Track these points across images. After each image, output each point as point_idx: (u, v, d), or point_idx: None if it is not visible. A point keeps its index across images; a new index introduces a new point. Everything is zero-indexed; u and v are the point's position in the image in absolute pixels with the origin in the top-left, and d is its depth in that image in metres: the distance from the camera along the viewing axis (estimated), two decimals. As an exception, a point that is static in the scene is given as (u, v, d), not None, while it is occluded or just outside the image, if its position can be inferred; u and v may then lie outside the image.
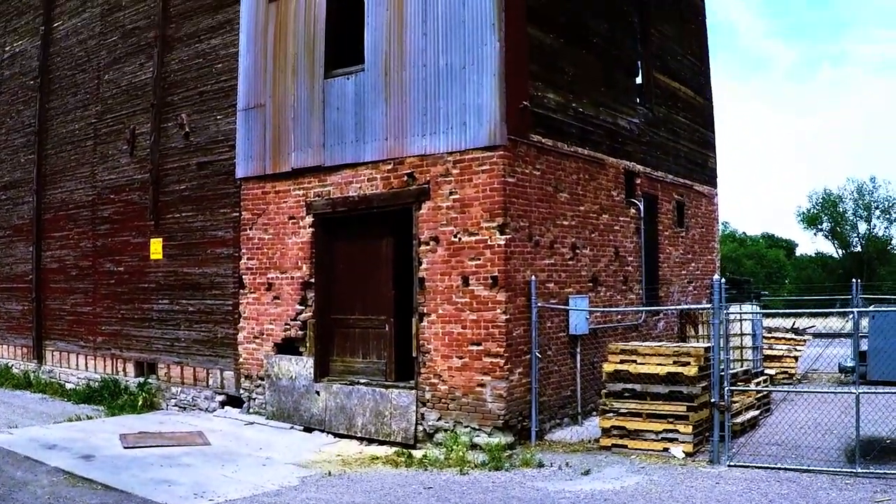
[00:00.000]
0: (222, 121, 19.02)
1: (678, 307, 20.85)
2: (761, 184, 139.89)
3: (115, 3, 22.34)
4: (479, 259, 14.82)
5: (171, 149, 20.16)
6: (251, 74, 18.39)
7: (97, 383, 21.43)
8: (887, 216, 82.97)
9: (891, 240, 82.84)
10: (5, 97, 26.40)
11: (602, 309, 17.59)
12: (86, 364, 22.52)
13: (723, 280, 13.98)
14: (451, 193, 15.15)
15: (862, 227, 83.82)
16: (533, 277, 15.20)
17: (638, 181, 19.45)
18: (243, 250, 18.38)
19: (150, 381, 20.40)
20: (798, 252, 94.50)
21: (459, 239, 15.03)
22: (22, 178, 25.31)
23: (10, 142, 25.98)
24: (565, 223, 16.57)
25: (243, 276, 18.34)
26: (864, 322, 18.40)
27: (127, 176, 21.39)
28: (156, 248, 20.38)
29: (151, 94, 20.67)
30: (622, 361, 14.61)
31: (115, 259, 21.69)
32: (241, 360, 18.42)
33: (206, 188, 19.36)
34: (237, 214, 18.57)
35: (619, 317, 18.56)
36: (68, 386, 22.49)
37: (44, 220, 24.32)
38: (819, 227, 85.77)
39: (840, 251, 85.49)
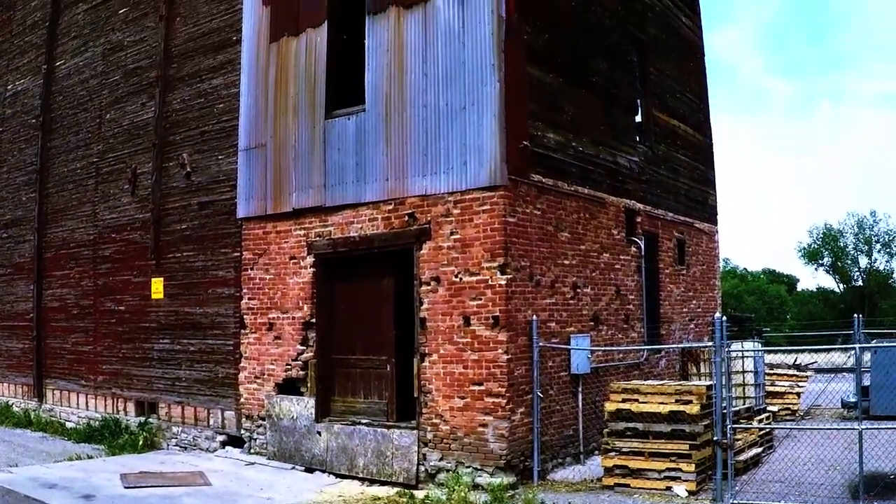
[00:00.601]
0: (224, 160, 19.08)
1: (680, 345, 20.84)
2: (762, 219, 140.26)
3: (117, 43, 22.47)
4: (481, 299, 14.80)
5: (173, 188, 20.22)
6: (252, 114, 18.47)
7: (98, 422, 21.34)
8: (888, 250, 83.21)
9: (892, 273, 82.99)
10: (7, 135, 26.48)
11: (603, 348, 17.57)
12: (86, 403, 22.44)
13: (724, 318, 13.96)
14: (451, 233, 15.17)
15: (863, 261, 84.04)
16: (534, 317, 15.18)
17: (638, 219, 19.49)
18: (244, 290, 18.38)
19: (150, 420, 20.34)
20: (799, 287, 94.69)
21: (460, 279, 15.03)
22: (23, 216, 25.33)
23: (12, 180, 26.01)
24: (566, 262, 16.57)
25: (244, 316, 18.33)
26: (867, 357, 18.37)
27: (128, 215, 21.42)
28: (157, 287, 20.37)
29: (153, 134, 20.74)
30: (624, 400, 14.59)
31: (116, 298, 21.68)
32: (242, 400, 18.37)
33: (207, 228, 19.39)
34: (238, 254, 18.58)
35: (621, 355, 18.52)
36: (69, 425, 22.41)
37: (45, 259, 24.31)
38: (820, 261, 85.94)
39: (841, 286, 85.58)
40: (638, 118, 20.67)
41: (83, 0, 24.08)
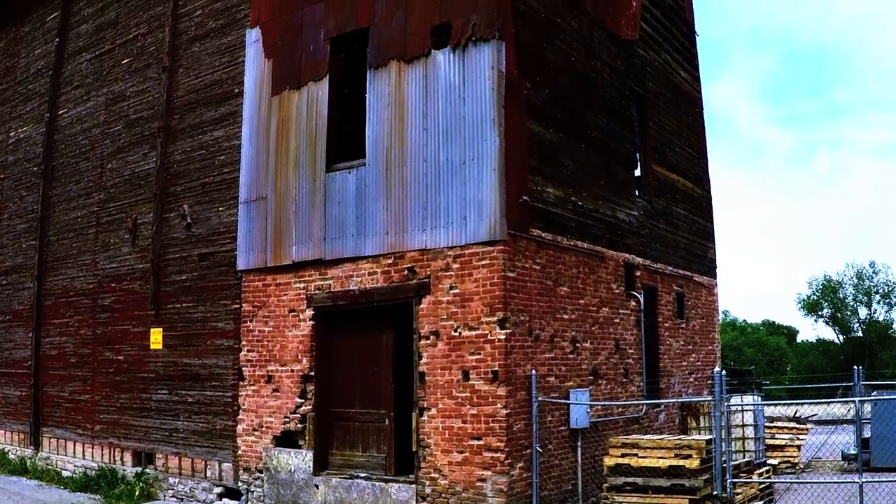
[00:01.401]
0: (224, 212, 19.15)
1: (679, 399, 20.79)
2: (761, 270, 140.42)
3: (120, 93, 22.62)
4: (480, 353, 14.79)
5: (173, 239, 20.26)
6: (253, 167, 18.56)
7: (94, 472, 21.23)
8: (887, 301, 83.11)
9: (892, 324, 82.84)
10: (9, 182, 26.56)
11: (603, 402, 17.53)
12: (83, 452, 22.33)
13: (723, 372, 13.97)
14: (451, 288, 15.18)
15: (862, 312, 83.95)
16: (533, 371, 15.15)
17: (638, 273, 19.52)
18: (243, 342, 18.35)
19: (147, 471, 20.23)
20: (799, 338, 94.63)
21: (460, 333, 15.03)
22: (23, 263, 25.34)
23: (13, 227, 26.07)
24: (565, 317, 16.58)
25: (243, 368, 18.29)
26: (867, 408, 18.32)
27: (128, 265, 21.44)
28: (156, 337, 20.35)
29: (154, 184, 20.81)
30: (623, 455, 14.54)
31: (114, 348, 21.64)
32: (239, 452, 18.28)
33: (207, 279, 19.41)
34: (238, 306, 18.58)
35: (620, 409, 18.47)
36: (65, 473, 22.29)
37: (44, 307, 24.29)
38: (820, 313, 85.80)
39: (841, 337, 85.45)
40: (637, 172, 20.78)
41: (87, 49, 24.27)
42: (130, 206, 21.62)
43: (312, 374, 17.14)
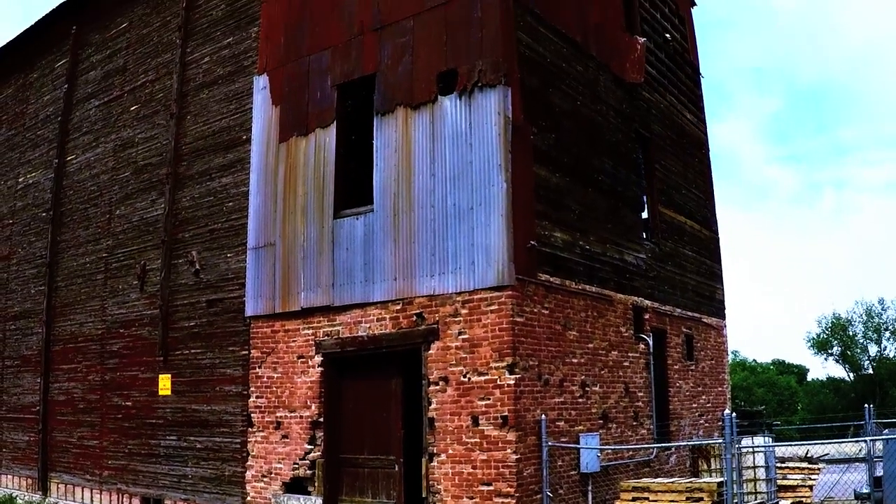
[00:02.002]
0: (232, 259, 19.19)
1: (689, 442, 20.69)
2: (770, 310, 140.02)
3: (128, 140, 22.75)
4: (489, 399, 14.76)
5: (181, 285, 20.29)
6: (261, 213, 18.62)
7: (102, 518, 21.18)
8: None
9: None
10: (18, 228, 26.65)
11: (613, 446, 17.44)
12: (91, 498, 22.23)
13: (733, 414, 13.91)
14: (460, 333, 15.17)
15: (872, 349, 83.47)
16: (543, 416, 15.10)
17: (646, 316, 19.49)
18: (252, 388, 18.33)
19: (155, 518, 20.17)
20: (809, 377, 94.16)
21: (469, 379, 15.00)
22: (32, 308, 25.36)
23: (22, 272, 26.12)
24: (574, 361, 16.54)
25: (252, 415, 18.24)
26: (879, 446, 18.19)
27: (137, 311, 21.46)
28: (164, 383, 20.33)
29: (162, 231, 20.87)
30: (634, 499, 14.51)
31: (123, 393, 21.61)
32: (248, 498, 18.19)
33: (215, 325, 19.42)
34: (246, 352, 18.57)
35: (631, 453, 18.38)
36: (73, 520, 22.24)
37: (52, 352, 24.28)
38: (829, 351, 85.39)
39: (851, 375, 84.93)
40: (644, 215, 20.80)
41: (95, 96, 24.44)
42: (139, 252, 21.67)
43: (321, 420, 17.08)
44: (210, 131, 20.41)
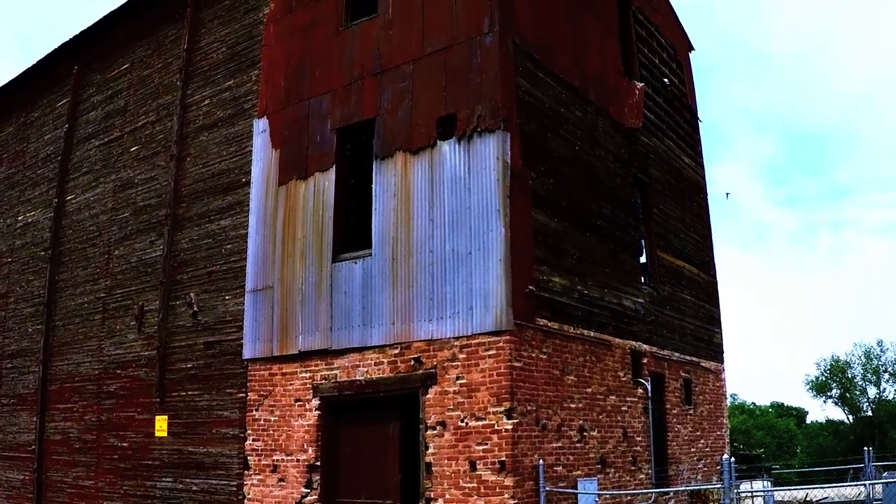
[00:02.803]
0: (230, 301, 19.18)
1: (688, 487, 20.57)
2: (769, 352, 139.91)
3: (128, 181, 22.80)
4: (487, 444, 14.69)
5: (179, 327, 20.26)
6: (260, 256, 18.63)
7: (97, 561, 21.01)
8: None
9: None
10: (16, 266, 26.62)
11: (611, 492, 17.34)
12: (86, 540, 22.11)
13: (732, 459, 13.84)
14: (457, 378, 15.14)
15: (871, 391, 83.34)
16: (541, 461, 15.03)
17: (644, 361, 19.45)
18: (249, 431, 18.24)
19: (150, 561, 20.00)
20: (808, 419, 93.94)
21: (466, 423, 14.94)
22: (29, 347, 25.29)
23: (19, 311, 26.07)
24: (572, 406, 16.49)
25: (248, 458, 18.15)
26: (879, 489, 18.13)
27: (134, 352, 21.40)
28: (161, 425, 20.24)
29: (161, 272, 20.87)
30: (632, 548, 14.40)
31: (119, 434, 21.49)
32: (244, 542, 18.09)
33: (212, 367, 19.36)
34: (243, 395, 18.51)
35: (629, 498, 18.28)
36: (67, 562, 22.05)
37: (49, 391, 24.16)
38: (828, 394, 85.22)
39: (850, 417, 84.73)
40: (642, 259, 20.84)
41: (95, 136, 24.52)
42: (137, 293, 21.66)
43: (318, 463, 16.99)
44: (210, 173, 20.47)
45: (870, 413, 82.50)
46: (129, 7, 23.80)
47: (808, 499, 26.85)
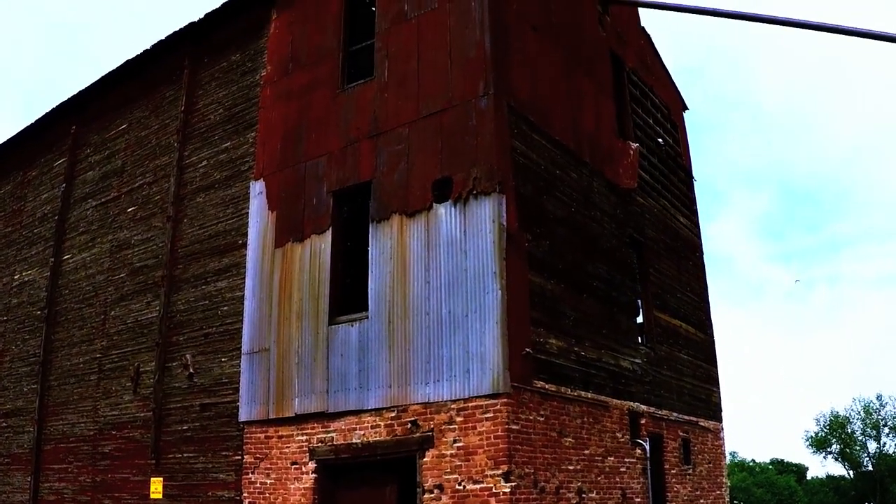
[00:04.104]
0: (227, 363, 19.12)
1: (687, 549, 20.43)
2: (767, 408, 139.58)
3: (125, 241, 22.82)
4: (484, 508, 14.59)
5: (175, 388, 20.17)
6: (256, 318, 18.61)
7: None
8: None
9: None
10: (12, 325, 26.55)
11: (610, 555, 17.23)
12: None
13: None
14: (455, 441, 15.06)
15: (872, 446, 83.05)
16: (538, 526, 14.94)
17: (642, 421, 19.37)
18: (245, 494, 18.08)
19: None
20: (809, 476, 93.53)
21: (464, 487, 14.83)
22: (24, 407, 25.15)
23: (14, 370, 25.96)
24: (570, 468, 16.39)
25: (244, 521, 18.04)
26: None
27: (129, 413, 21.29)
28: (156, 487, 20.08)
29: (157, 333, 20.82)
30: None
31: (114, 496, 21.30)
32: None
33: (208, 430, 19.24)
34: (239, 457, 18.38)
35: (628, 561, 18.15)
36: None
37: (44, 452, 23.99)
38: (828, 449, 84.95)
39: (851, 472, 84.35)
40: (639, 319, 20.85)
41: (93, 196, 24.59)
42: (133, 354, 21.58)
43: (315, 528, 16.89)
44: (206, 235, 20.51)
45: (870, 468, 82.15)
46: (127, 68, 23.99)
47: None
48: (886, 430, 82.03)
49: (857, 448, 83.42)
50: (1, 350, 26.54)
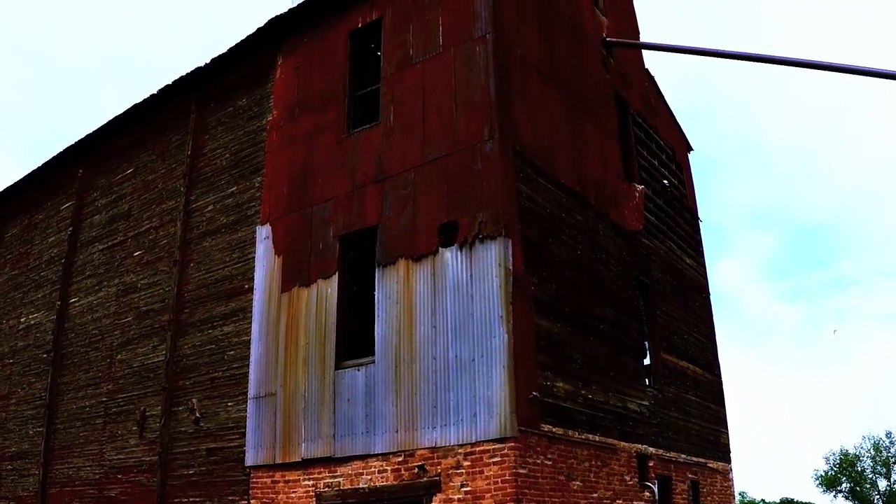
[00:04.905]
0: (233, 408, 19.08)
1: (697, 593, 20.27)
2: (776, 447, 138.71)
3: (131, 285, 22.87)
4: (492, 554, 14.51)
5: (181, 433, 20.13)
6: (263, 363, 18.60)
7: None
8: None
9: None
10: (18, 368, 26.55)
11: None
12: None
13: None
14: (462, 486, 14.98)
15: (882, 483, 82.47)
16: (546, 572, 14.84)
17: (650, 464, 19.29)
18: (251, 540, 18.05)
19: None
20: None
21: (471, 532, 14.77)
22: (29, 450, 25.09)
23: (20, 413, 25.93)
24: (578, 512, 16.32)
25: (250, 567, 17.93)
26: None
27: (135, 457, 21.22)
28: (162, 532, 20.02)
29: (163, 377, 20.80)
30: None
31: (119, 541, 21.28)
32: None
33: (214, 474, 19.17)
34: (246, 502, 18.26)
35: None
36: None
37: (49, 495, 23.89)
38: (838, 488, 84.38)
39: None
40: (646, 361, 20.82)
41: (99, 240, 24.67)
42: (139, 397, 21.56)
43: (321, 574, 16.78)
44: (213, 279, 20.54)
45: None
46: (134, 112, 24.17)
47: None
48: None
49: (868, 486, 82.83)
50: (7, 393, 26.52)
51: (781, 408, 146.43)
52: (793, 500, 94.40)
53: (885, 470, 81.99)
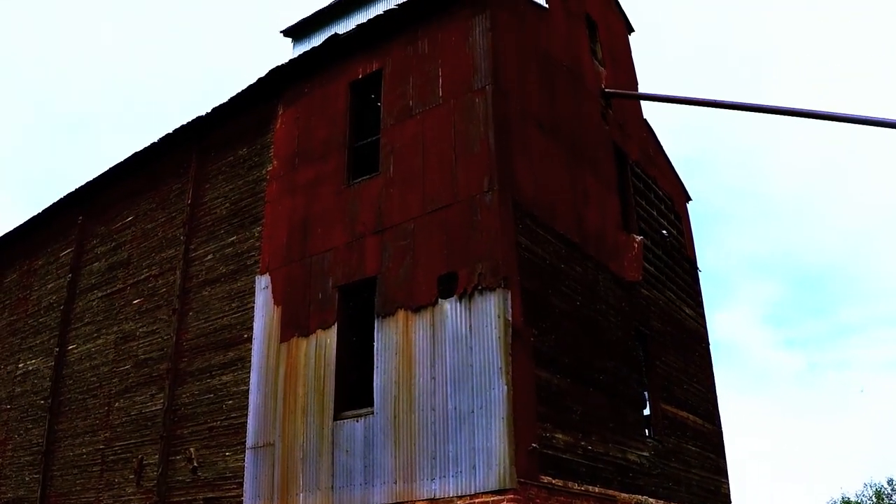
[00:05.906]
0: (231, 457, 18.99)
1: None
2: (777, 494, 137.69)
3: (130, 333, 22.85)
4: None
5: (179, 482, 20.01)
6: (261, 412, 18.54)
7: None
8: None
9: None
10: (15, 414, 26.46)
11: None
12: None
13: None
14: (461, 538, 14.93)
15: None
16: None
17: (650, 515, 19.21)
18: (248, 592, 17.90)
19: None
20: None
21: (471, 582, 14.68)
22: (26, 496, 24.94)
23: (17, 459, 25.80)
24: (578, 566, 16.21)
25: None
26: None
27: (132, 506, 21.14)
28: (158, 583, 19.87)
29: (161, 426, 20.73)
30: None
31: (115, 591, 21.10)
32: None
33: (212, 525, 19.09)
34: (243, 553, 18.22)
35: None
36: None
37: (46, 543, 23.83)
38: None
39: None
40: (646, 412, 20.76)
41: (98, 287, 24.70)
42: (136, 446, 21.47)
43: None
44: (211, 328, 20.54)
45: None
46: (134, 160, 24.30)
47: None
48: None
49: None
50: (4, 439, 26.43)
51: (782, 455, 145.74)
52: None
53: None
